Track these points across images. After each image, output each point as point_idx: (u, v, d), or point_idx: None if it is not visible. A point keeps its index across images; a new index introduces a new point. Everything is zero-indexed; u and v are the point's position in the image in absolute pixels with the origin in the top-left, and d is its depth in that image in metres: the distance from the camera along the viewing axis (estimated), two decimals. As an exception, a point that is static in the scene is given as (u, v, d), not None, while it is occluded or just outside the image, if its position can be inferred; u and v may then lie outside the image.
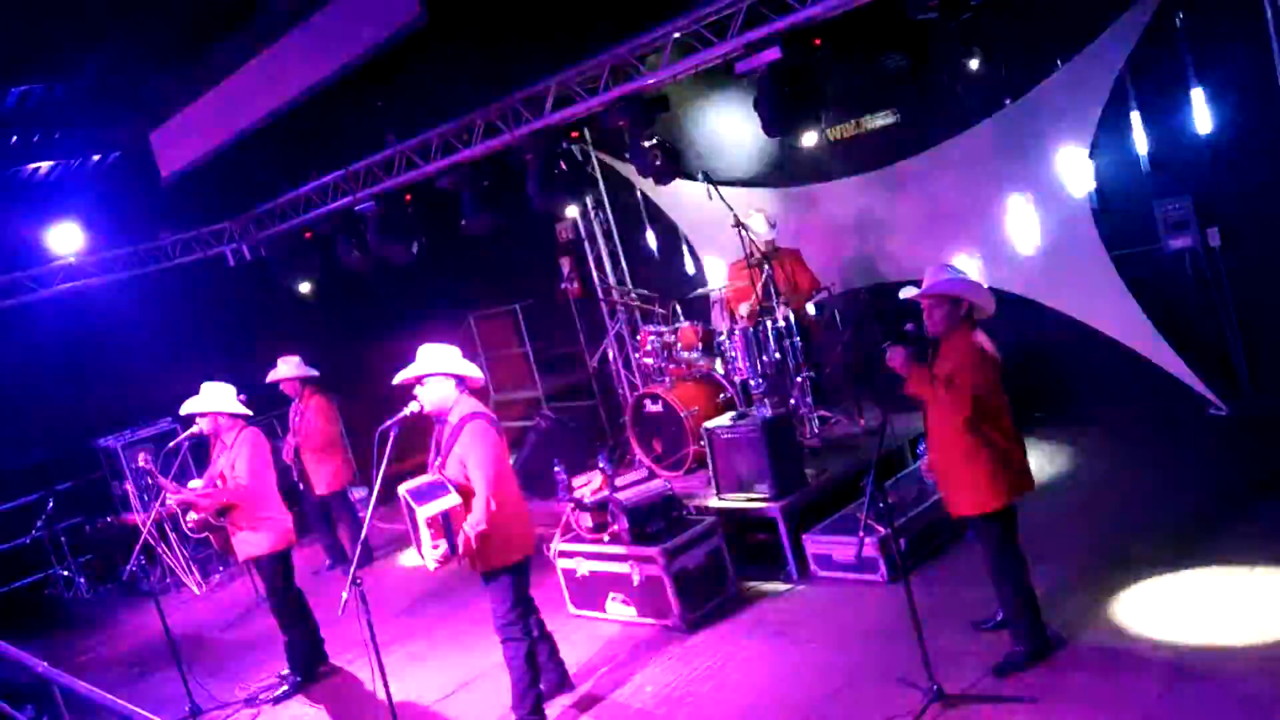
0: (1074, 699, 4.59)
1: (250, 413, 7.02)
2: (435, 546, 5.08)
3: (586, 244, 11.22)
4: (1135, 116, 7.43)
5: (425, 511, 5.04)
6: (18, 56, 8.62)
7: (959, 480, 4.92)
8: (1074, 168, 7.72)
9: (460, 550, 5.12)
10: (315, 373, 9.35)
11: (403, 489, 5.24)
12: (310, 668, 7.08)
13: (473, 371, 5.48)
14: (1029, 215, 8.06)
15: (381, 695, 4.90)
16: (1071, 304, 8.02)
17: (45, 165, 11.07)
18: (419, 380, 5.36)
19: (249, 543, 6.76)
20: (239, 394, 7.02)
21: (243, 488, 6.65)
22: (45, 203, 11.16)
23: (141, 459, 6.94)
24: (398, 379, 5.45)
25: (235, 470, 6.68)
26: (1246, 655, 4.57)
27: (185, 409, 6.89)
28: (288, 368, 9.29)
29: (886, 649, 5.42)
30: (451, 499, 5.10)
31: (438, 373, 5.36)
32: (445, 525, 5.07)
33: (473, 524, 5.12)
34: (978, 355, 4.76)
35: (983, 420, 4.77)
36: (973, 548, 5.35)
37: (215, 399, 6.85)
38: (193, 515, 6.78)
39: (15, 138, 10.21)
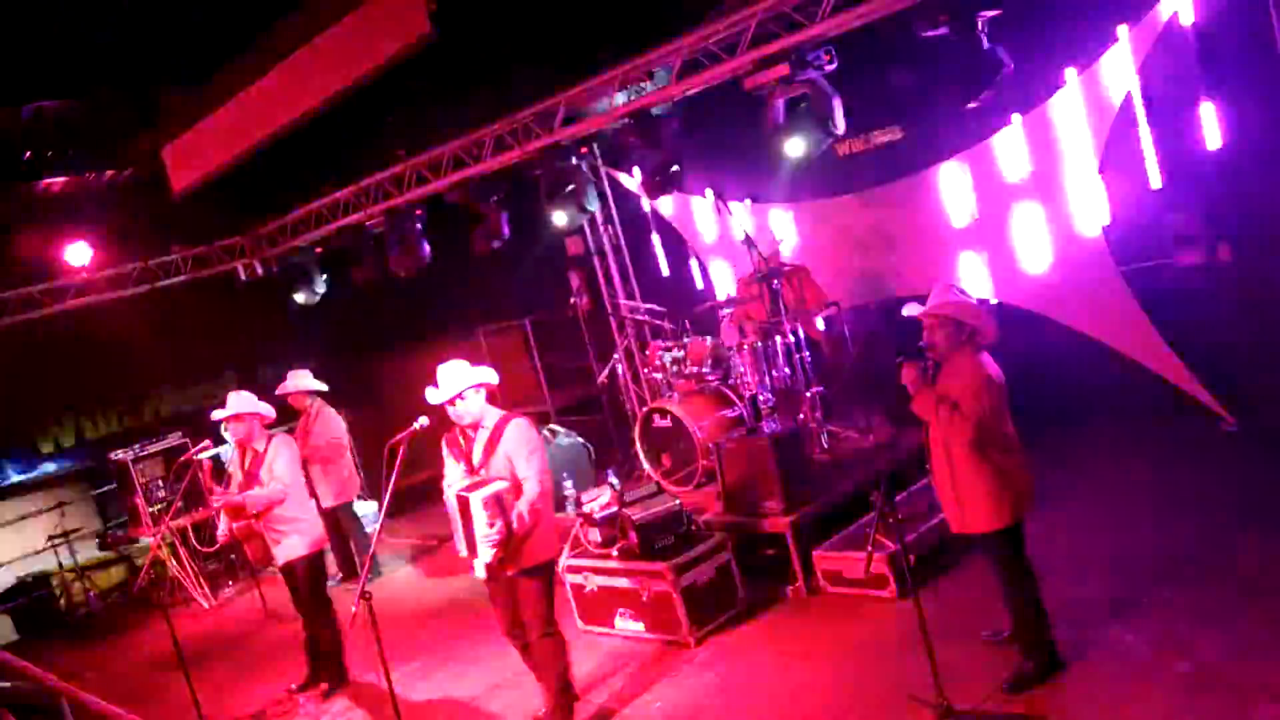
0: (1085, 715, 4.57)
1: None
2: (491, 527, 5.26)
3: (595, 259, 11.24)
4: (1144, 131, 7.42)
5: (480, 495, 5.26)
6: (32, 74, 8.70)
7: (963, 499, 4.91)
8: (1083, 182, 7.71)
9: (515, 528, 5.29)
10: (324, 386, 9.38)
11: (451, 491, 5.44)
12: (341, 669, 7.10)
13: (494, 378, 5.69)
14: (1038, 230, 8.05)
15: (391, 711, 4.90)
16: (1081, 319, 8.00)
17: (58, 181, 11.15)
18: (459, 396, 5.50)
19: (287, 546, 6.80)
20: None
21: (285, 489, 6.72)
22: (58, 219, 11.24)
23: (197, 454, 7.06)
24: (438, 399, 5.54)
25: (275, 473, 6.74)
26: (1258, 670, 4.54)
27: (226, 411, 6.89)
28: (297, 381, 9.32)
29: (896, 665, 5.40)
30: (502, 483, 5.36)
31: (473, 385, 5.53)
32: (499, 506, 5.27)
33: (527, 501, 5.35)
34: (981, 378, 4.75)
35: (986, 441, 4.76)
36: (982, 563, 5.34)
37: (253, 402, 6.92)
38: (224, 523, 6.78)
39: (29, 154, 10.28)
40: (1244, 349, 7.36)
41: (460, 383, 5.50)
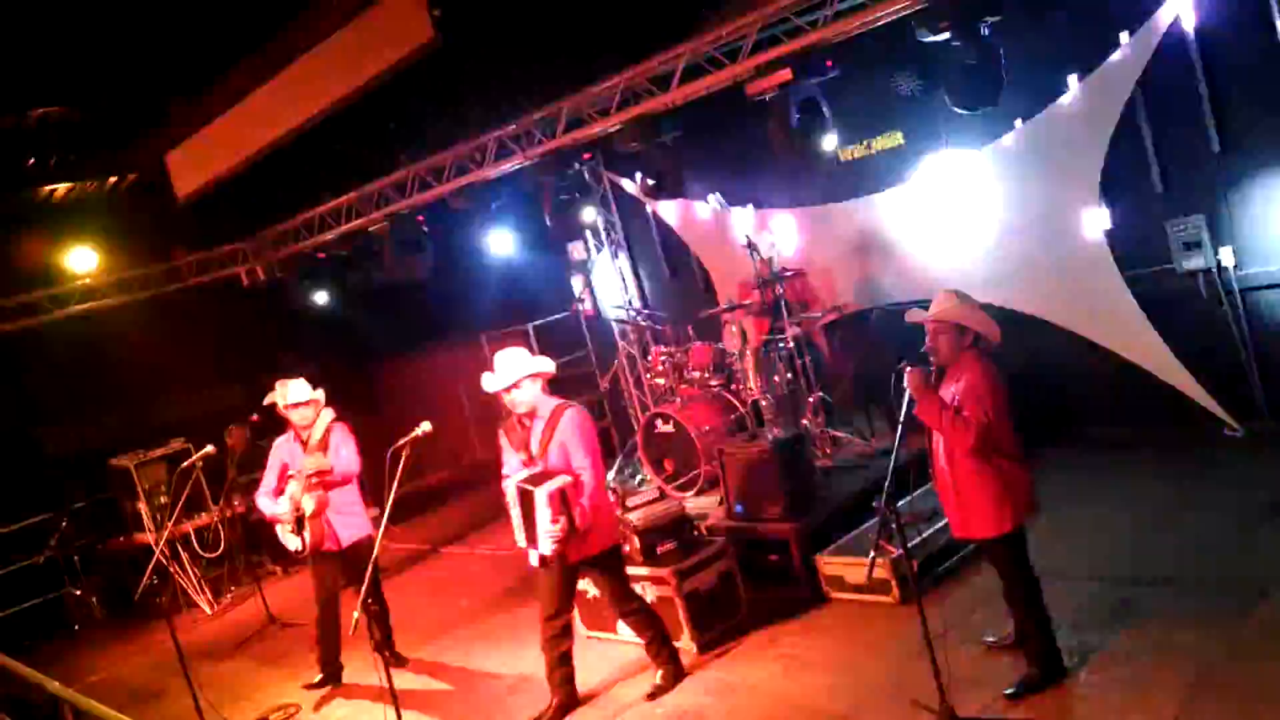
0: (1089, 722, 4.56)
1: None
2: (555, 523, 5.37)
3: (598, 264, 11.26)
4: (1147, 136, 7.43)
5: (544, 491, 5.35)
6: (36, 80, 8.73)
7: (966, 504, 4.91)
8: (1085, 188, 7.71)
9: (578, 523, 5.41)
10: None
11: (512, 481, 5.56)
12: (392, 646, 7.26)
13: (551, 367, 5.78)
14: (1040, 235, 8.04)
15: (391, 716, 4.90)
16: (1084, 324, 8.00)
17: (62, 187, 11.17)
18: (515, 385, 5.60)
19: (352, 526, 6.97)
20: (252, 415, 7.09)
21: (355, 472, 6.97)
22: (62, 224, 11.27)
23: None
24: (492, 387, 5.65)
25: (342, 456, 6.93)
26: (1263, 674, 4.53)
27: (296, 397, 7.00)
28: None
29: (899, 671, 5.39)
30: (565, 478, 5.45)
31: (529, 375, 5.62)
32: (562, 501, 5.38)
33: (587, 495, 5.46)
34: (984, 384, 4.74)
35: (989, 447, 4.75)
36: (986, 569, 5.33)
37: (310, 390, 7.06)
38: (309, 501, 6.84)
39: (33, 160, 10.31)
40: (1248, 354, 7.36)
41: (516, 372, 5.60)
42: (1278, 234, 7.04)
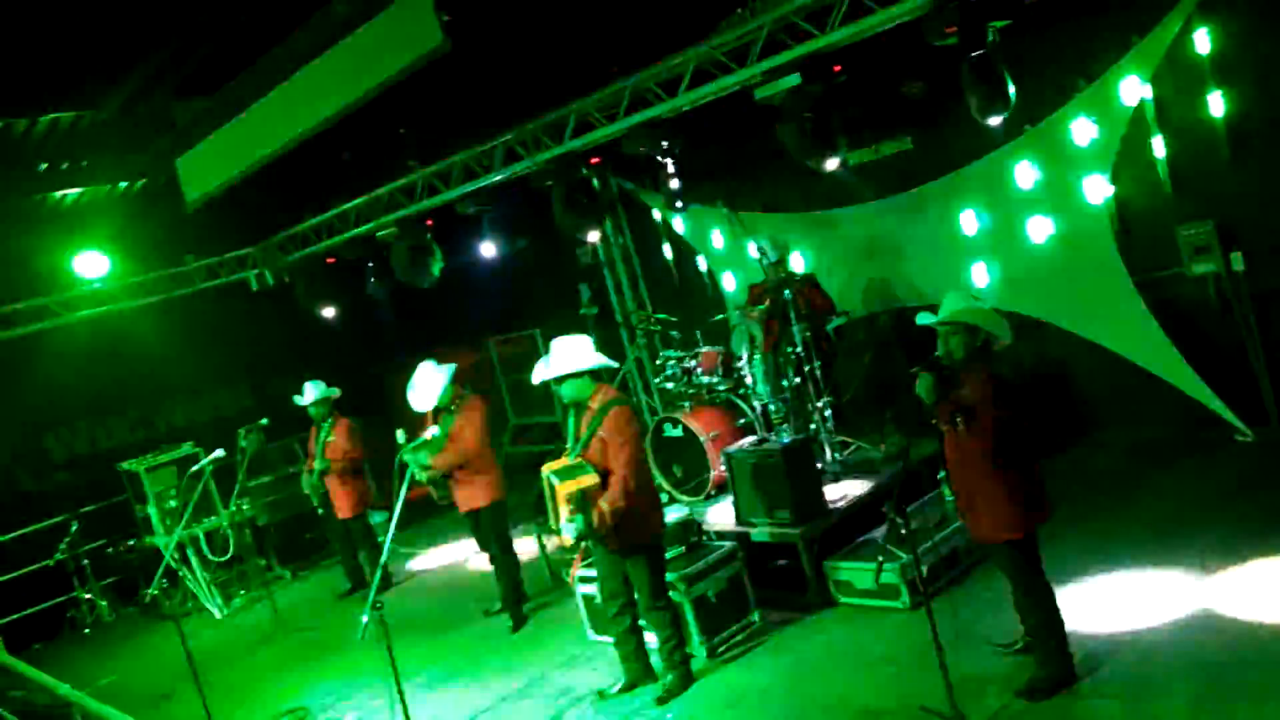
0: (1099, 728, 4.54)
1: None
2: (570, 521, 5.47)
3: (606, 268, 11.27)
4: (1157, 140, 7.41)
5: (564, 488, 5.43)
6: (46, 85, 8.77)
7: (979, 508, 4.89)
8: (1095, 192, 7.70)
9: (595, 524, 5.46)
10: (337, 392, 9.51)
11: (546, 469, 5.64)
12: (518, 609, 7.72)
13: (605, 361, 5.83)
14: (1049, 239, 8.03)
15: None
16: (1094, 328, 7.98)
17: (73, 192, 11.22)
18: (559, 381, 5.72)
19: (470, 495, 7.53)
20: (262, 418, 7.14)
21: (473, 449, 7.41)
22: (73, 229, 11.31)
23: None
24: (539, 379, 5.81)
25: (464, 435, 7.40)
26: (1275, 684, 4.51)
27: (447, 375, 7.57)
28: (317, 391, 9.41)
29: (908, 676, 5.38)
30: (590, 478, 5.49)
31: (573, 373, 5.69)
32: (581, 501, 5.44)
33: (609, 500, 5.47)
34: (996, 387, 4.73)
35: (1002, 450, 4.74)
36: (995, 573, 5.32)
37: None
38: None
39: (44, 165, 10.35)
40: (1258, 359, 7.33)
41: (564, 367, 5.68)
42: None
